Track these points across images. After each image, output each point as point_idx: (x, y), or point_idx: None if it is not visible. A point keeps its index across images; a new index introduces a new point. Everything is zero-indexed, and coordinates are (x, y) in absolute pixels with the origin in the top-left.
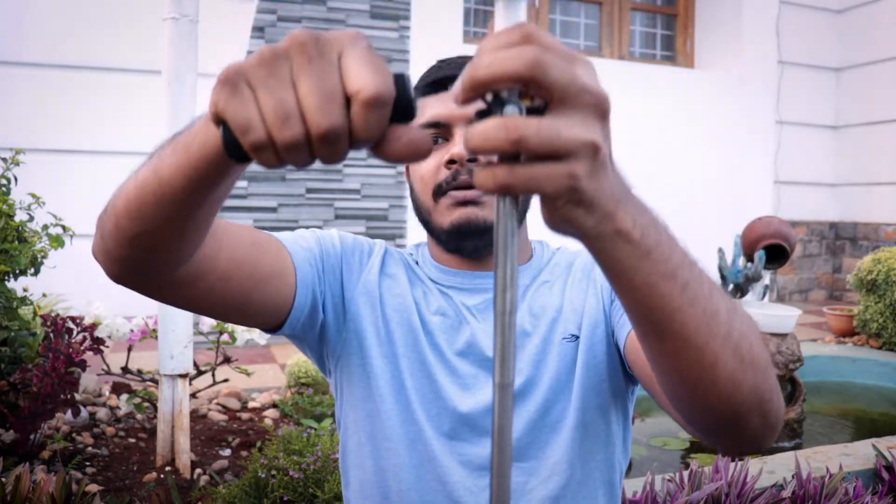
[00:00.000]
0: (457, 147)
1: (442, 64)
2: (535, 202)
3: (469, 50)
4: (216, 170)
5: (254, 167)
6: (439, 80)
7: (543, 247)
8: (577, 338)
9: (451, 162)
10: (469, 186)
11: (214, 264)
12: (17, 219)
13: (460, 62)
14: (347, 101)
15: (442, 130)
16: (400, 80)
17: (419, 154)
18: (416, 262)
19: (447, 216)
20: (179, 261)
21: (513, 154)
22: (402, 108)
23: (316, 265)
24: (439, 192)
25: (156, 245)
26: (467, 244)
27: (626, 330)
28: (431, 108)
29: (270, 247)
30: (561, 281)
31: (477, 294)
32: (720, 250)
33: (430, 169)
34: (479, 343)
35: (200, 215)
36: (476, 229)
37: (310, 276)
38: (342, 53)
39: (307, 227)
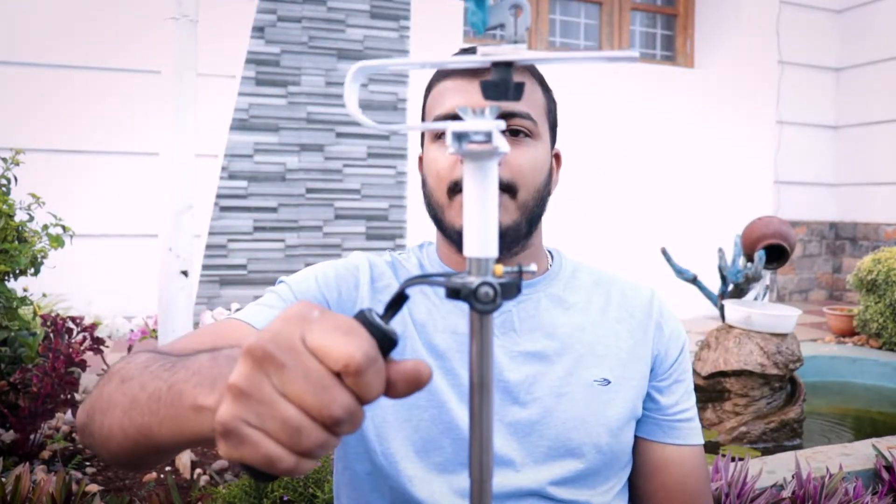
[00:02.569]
0: None
1: (466, 50)
2: (545, 206)
3: None
4: (210, 441)
5: (254, 167)
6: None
7: (562, 257)
8: (609, 382)
9: None
10: None
11: None
12: (17, 219)
13: None
14: (339, 375)
15: None
16: (365, 320)
17: (422, 384)
18: (421, 266)
19: (460, 217)
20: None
21: None
22: (383, 343)
23: None
24: (455, 189)
25: (159, 462)
26: None
27: (649, 432)
28: (450, 98)
29: None
30: (597, 310)
31: None
32: (720, 250)
33: (447, 165)
34: (497, 363)
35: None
36: None
37: None
38: (304, 337)
39: (278, 283)
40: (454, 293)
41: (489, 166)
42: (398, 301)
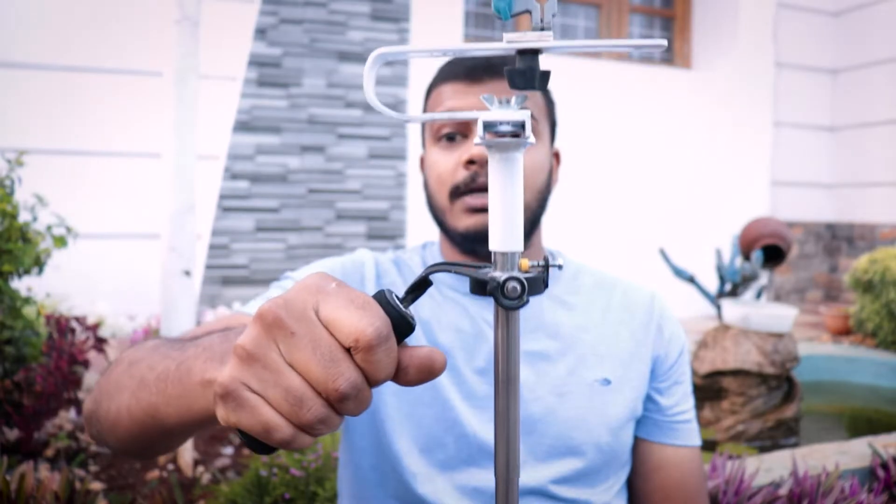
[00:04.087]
0: (476, 147)
1: None
2: (546, 206)
3: None
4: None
5: (256, 168)
6: (462, 69)
7: (561, 258)
8: (610, 382)
9: (470, 162)
10: (486, 189)
11: None
12: (21, 219)
13: None
14: (349, 350)
15: (460, 126)
16: (383, 299)
17: (436, 373)
18: (424, 263)
19: (462, 221)
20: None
21: None
22: (398, 326)
23: None
24: (456, 193)
25: (166, 450)
26: (483, 248)
27: (648, 433)
28: (451, 99)
29: None
30: (599, 311)
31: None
32: (717, 251)
33: (448, 168)
34: None
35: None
36: None
37: None
38: (318, 308)
39: (286, 275)
40: (480, 287)
41: (516, 158)
42: (420, 286)
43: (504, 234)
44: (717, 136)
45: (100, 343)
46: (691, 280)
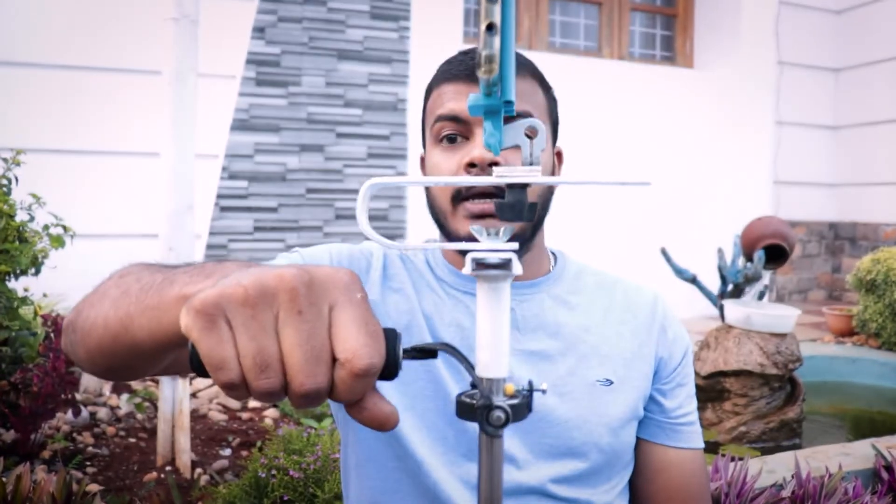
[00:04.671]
0: (477, 150)
1: (467, 53)
2: (549, 207)
3: None
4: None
5: (254, 167)
6: (462, 69)
7: (566, 259)
8: (611, 382)
9: (471, 165)
10: (488, 195)
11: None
12: (17, 219)
13: None
14: (333, 358)
15: (461, 128)
16: (390, 337)
17: (381, 429)
18: (428, 263)
19: (463, 226)
20: (152, 374)
21: None
22: (385, 368)
23: None
24: (458, 197)
25: (128, 375)
26: None
27: (651, 434)
28: (451, 100)
29: None
30: (601, 311)
31: None
32: (720, 250)
33: (449, 171)
34: None
35: (173, 355)
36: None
37: None
38: (334, 307)
39: (292, 250)
40: (466, 411)
41: (503, 287)
42: (426, 353)
43: (490, 361)
44: (719, 135)
45: None
46: (693, 280)
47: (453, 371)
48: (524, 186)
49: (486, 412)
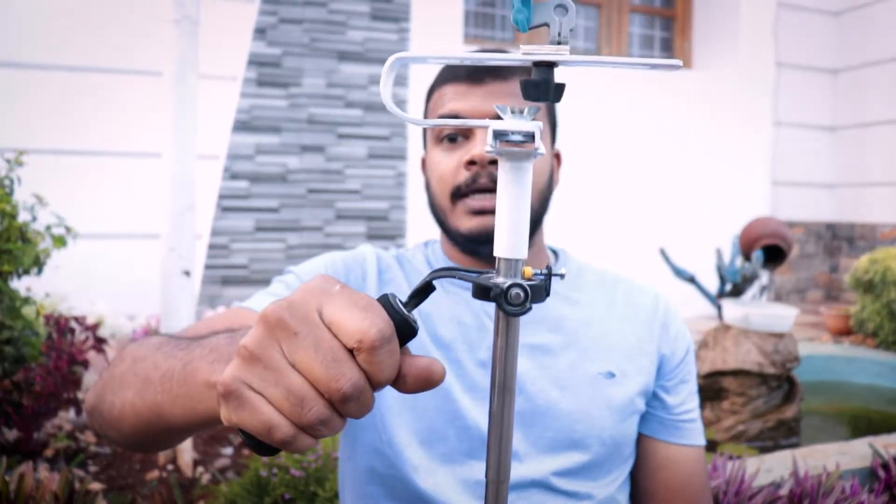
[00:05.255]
0: (478, 148)
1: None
2: (551, 205)
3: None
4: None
5: (255, 168)
6: (463, 70)
7: (567, 257)
8: (613, 375)
9: (471, 163)
10: (488, 191)
11: None
12: (20, 219)
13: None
14: (351, 352)
15: (462, 128)
16: (386, 302)
17: (433, 384)
18: (428, 261)
19: (464, 222)
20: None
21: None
22: (401, 329)
23: None
24: (458, 194)
25: (170, 445)
26: (484, 249)
27: (653, 430)
28: (452, 100)
29: None
30: (602, 306)
31: None
32: (718, 251)
33: (450, 169)
34: None
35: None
36: (493, 236)
37: None
38: (321, 309)
39: (285, 272)
40: (483, 293)
41: (525, 167)
42: (423, 291)
43: (509, 241)
44: (718, 135)
45: (99, 343)
46: (692, 280)
47: (453, 367)
48: (552, 65)
49: (505, 290)
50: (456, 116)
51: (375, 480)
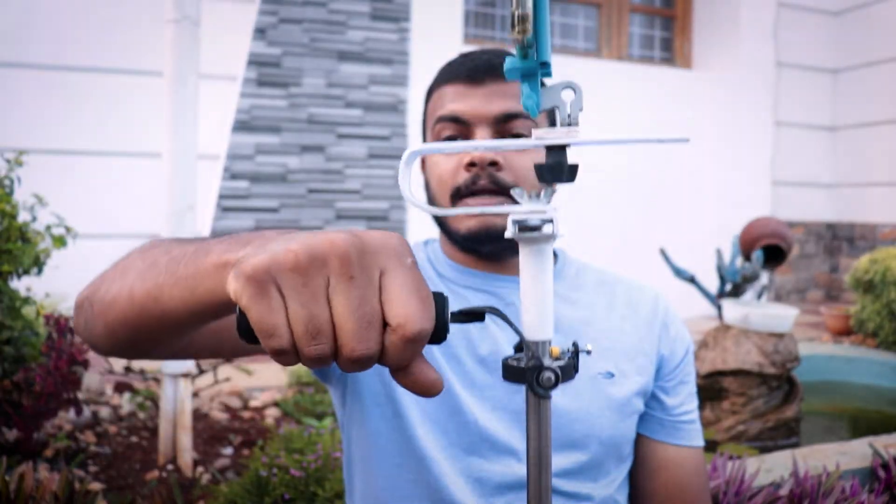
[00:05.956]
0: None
1: (467, 55)
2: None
3: None
4: (224, 310)
5: (255, 168)
6: (463, 71)
7: (566, 258)
8: (613, 375)
9: (471, 164)
10: (488, 192)
11: (203, 338)
12: (20, 219)
13: (485, 55)
14: (384, 323)
15: (462, 128)
16: (440, 302)
17: (426, 395)
18: (429, 260)
19: (463, 223)
20: (172, 350)
21: None
22: (434, 332)
23: None
24: (457, 195)
25: (150, 349)
26: (484, 248)
27: (652, 431)
28: (452, 101)
29: None
30: (602, 306)
31: (496, 299)
32: (718, 251)
33: (449, 169)
34: (501, 351)
35: (201, 327)
36: (493, 236)
37: None
38: (385, 273)
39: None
40: (515, 375)
41: (545, 250)
42: (473, 315)
43: (537, 324)
44: (718, 136)
45: None
46: (692, 280)
47: (452, 363)
48: (563, 147)
49: (535, 374)
50: (455, 117)
51: (386, 461)
